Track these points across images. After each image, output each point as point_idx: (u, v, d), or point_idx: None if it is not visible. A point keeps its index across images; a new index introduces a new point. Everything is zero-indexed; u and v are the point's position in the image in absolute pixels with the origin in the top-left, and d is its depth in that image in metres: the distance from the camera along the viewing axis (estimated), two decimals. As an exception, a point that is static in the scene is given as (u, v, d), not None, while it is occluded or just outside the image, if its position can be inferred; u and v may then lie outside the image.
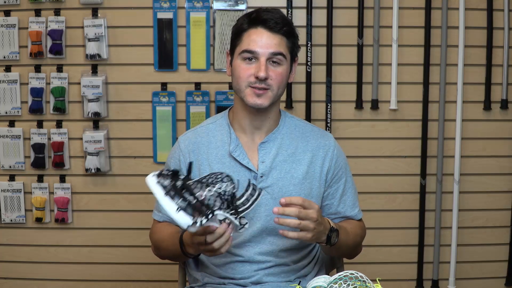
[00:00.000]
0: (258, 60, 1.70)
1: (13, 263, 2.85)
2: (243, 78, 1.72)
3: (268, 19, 1.71)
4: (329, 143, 1.84)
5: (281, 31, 1.72)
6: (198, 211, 1.40)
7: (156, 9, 2.73)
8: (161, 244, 1.82)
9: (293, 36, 1.76)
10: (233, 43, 1.77)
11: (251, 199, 1.57)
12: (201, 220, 1.39)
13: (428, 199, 2.82)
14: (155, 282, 2.84)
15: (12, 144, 2.78)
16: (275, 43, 1.71)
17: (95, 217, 2.83)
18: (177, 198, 1.41)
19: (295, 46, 1.78)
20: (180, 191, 1.43)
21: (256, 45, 1.70)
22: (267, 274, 1.76)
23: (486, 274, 2.88)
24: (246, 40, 1.71)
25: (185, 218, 1.38)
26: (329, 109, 2.76)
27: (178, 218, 1.38)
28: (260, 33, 1.71)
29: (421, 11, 2.74)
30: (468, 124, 2.81)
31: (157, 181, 1.44)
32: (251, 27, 1.72)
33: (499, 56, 2.76)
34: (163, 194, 1.41)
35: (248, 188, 1.59)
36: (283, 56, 1.72)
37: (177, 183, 1.46)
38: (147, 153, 2.80)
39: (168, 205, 1.39)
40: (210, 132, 1.83)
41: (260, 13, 1.73)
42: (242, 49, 1.72)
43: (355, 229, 1.83)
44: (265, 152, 1.78)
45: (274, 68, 1.72)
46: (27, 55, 2.74)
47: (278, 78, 1.72)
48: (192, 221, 1.38)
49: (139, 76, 2.77)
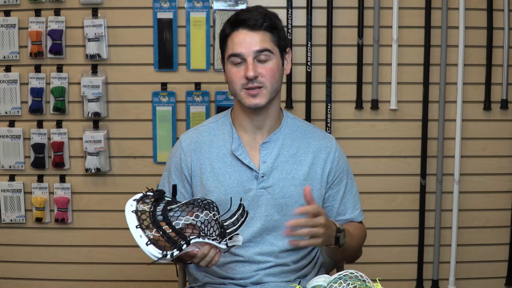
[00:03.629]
0: (246, 61, 1.71)
1: (13, 263, 2.85)
2: (236, 82, 1.72)
3: (247, 18, 1.71)
4: (331, 145, 1.84)
5: (262, 27, 1.71)
6: (172, 242, 1.40)
7: (156, 9, 2.73)
8: None
9: (276, 29, 1.74)
10: (222, 50, 1.78)
11: (240, 219, 1.57)
12: (172, 253, 1.39)
13: (428, 199, 2.82)
14: (155, 282, 2.84)
15: (12, 144, 2.78)
16: (257, 40, 1.70)
17: (95, 217, 2.83)
18: (148, 231, 1.41)
19: (281, 38, 1.76)
20: (157, 220, 1.43)
21: (240, 46, 1.70)
22: (267, 274, 1.76)
23: (486, 274, 2.87)
24: (230, 44, 1.72)
25: (154, 251, 1.38)
26: (329, 109, 2.76)
27: (147, 251, 1.39)
28: (242, 34, 1.71)
29: (421, 11, 2.74)
30: (468, 124, 2.81)
31: (134, 209, 1.44)
32: (233, 30, 1.73)
33: (499, 56, 2.75)
34: (135, 225, 1.42)
35: (239, 208, 1.59)
36: (270, 52, 1.72)
37: (157, 207, 1.46)
38: (147, 153, 2.80)
39: (138, 238, 1.40)
40: (212, 131, 1.83)
41: (239, 14, 1.74)
42: (229, 54, 1.73)
43: (357, 231, 1.84)
44: (266, 152, 1.78)
45: (263, 65, 1.71)
46: (27, 55, 2.74)
47: (269, 73, 1.72)
48: (160, 255, 1.38)
49: (139, 76, 2.77)
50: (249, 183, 1.76)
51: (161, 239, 1.40)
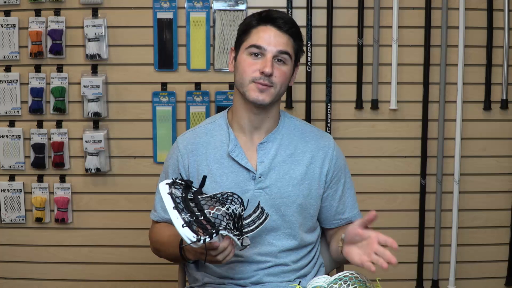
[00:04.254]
0: (265, 56, 1.71)
1: (13, 263, 2.85)
2: (248, 73, 1.72)
3: (278, 18, 1.74)
4: (329, 144, 1.84)
5: (289, 31, 1.74)
6: (203, 228, 1.42)
7: (156, 9, 2.73)
8: (160, 247, 1.82)
9: (299, 38, 1.78)
10: (239, 39, 1.78)
11: (257, 221, 1.59)
12: (205, 239, 1.40)
13: (428, 199, 2.82)
14: (155, 282, 2.84)
15: (12, 144, 2.78)
16: (282, 42, 1.72)
17: (95, 217, 2.83)
18: (184, 213, 1.42)
19: (300, 49, 1.80)
20: (189, 205, 1.45)
21: (264, 41, 1.71)
22: (267, 274, 1.76)
23: (486, 274, 2.88)
24: (255, 36, 1.73)
25: (189, 234, 1.39)
26: (329, 109, 2.76)
27: (183, 233, 1.39)
28: (269, 31, 1.72)
29: (421, 11, 2.74)
30: (468, 124, 2.81)
31: (169, 191, 1.46)
32: (260, 24, 1.74)
33: (499, 56, 2.76)
34: (172, 206, 1.43)
35: (256, 209, 1.60)
36: (289, 56, 1.74)
37: (188, 195, 1.47)
38: (147, 153, 2.80)
39: (175, 219, 1.41)
40: (209, 132, 1.83)
41: (270, 12, 1.76)
42: (250, 44, 1.73)
43: None
44: (264, 153, 1.78)
45: (279, 67, 1.73)
46: (27, 55, 2.74)
47: (282, 76, 1.73)
48: (195, 239, 1.39)
49: (139, 76, 2.77)
50: (246, 184, 1.76)
51: (194, 224, 1.41)
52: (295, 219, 1.78)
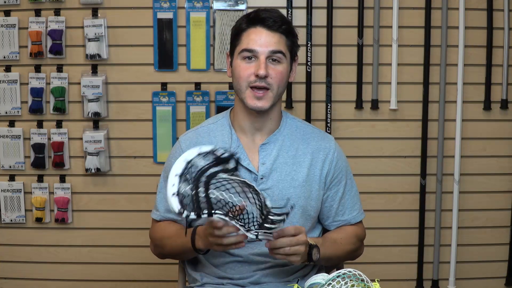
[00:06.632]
0: (258, 59, 1.70)
1: (13, 263, 2.85)
2: (243, 78, 1.71)
3: (267, 18, 1.71)
4: (330, 146, 1.84)
5: (280, 29, 1.72)
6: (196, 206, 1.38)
7: (156, 9, 2.73)
8: (166, 241, 1.80)
9: (292, 34, 1.76)
10: (232, 44, 1.77)
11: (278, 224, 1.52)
12: (188, 215, 1.36)
13: (428, 199, 2.82)
14: (155, 282, 2.84)
15: (12, 144, 2.78)
16: (274, 41, 1.71)
17: (95, 217, 2.83)
18: (185, 185, 1.37)
19: (294, 45, 1.78)
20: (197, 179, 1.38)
21: (255, 43, 1.70)
22: (266, 275, 1.76)
23: (486, 274, 2.87)
24: (245, 39, 1.71)
25: (175, 204, 1.36)
26: (329, 109, 2.76)
27: (169, 201, 1.37)
28: (259, 32, 1.71)
29: (421, 11, 2.74)
30: (468, 124, 2.80)
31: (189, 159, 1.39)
32: (250, 26, 1.72)
33: (499, 56, 2.75)
34: (176, 173, 1.38)
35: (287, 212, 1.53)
36: (283, 54, 1.72)
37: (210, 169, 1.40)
38: (147, 153, 2.80)
39: (170, 186, 1.37)
40: (211, 132, 1.83)
41: (258, 12, 1.74)
42: (242, 48, 1.71)
43: (348, 237, 1.82)
44: (265, 154, 1.78)
45: (274, 67, 1.71)
46: (27, 55, 2.74)
47: (278, 76, 1.72)
48: (177, 210, 1.35)
49: (139, 76, 2.77)
50: None
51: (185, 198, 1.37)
52: (296, 220, 1.77)
